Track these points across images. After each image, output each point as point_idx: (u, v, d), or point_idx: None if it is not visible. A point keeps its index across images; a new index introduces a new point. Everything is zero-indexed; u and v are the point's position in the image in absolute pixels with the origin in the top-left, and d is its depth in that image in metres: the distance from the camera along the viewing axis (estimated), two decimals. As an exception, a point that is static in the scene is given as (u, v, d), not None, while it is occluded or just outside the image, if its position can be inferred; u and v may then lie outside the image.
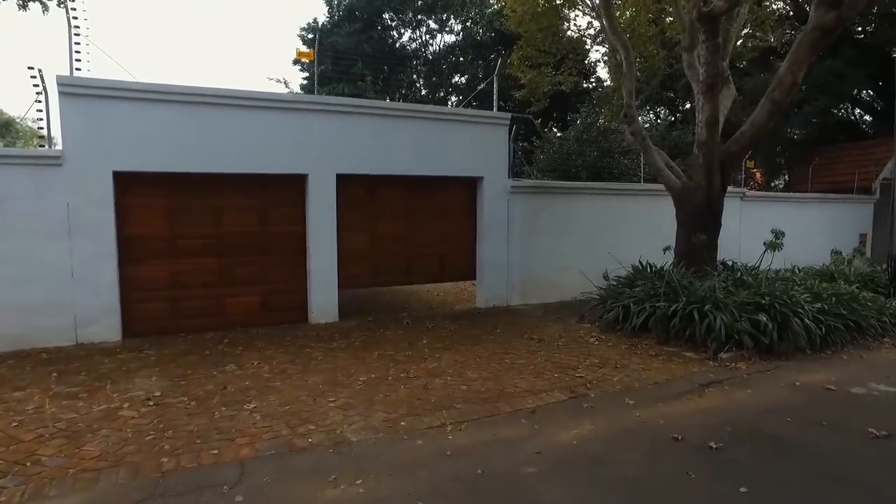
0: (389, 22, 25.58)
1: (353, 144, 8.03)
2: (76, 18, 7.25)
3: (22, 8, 12.05)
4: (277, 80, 27.73)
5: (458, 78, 27.83)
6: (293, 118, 7.66)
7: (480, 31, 25.47)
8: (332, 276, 8.04)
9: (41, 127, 6.61)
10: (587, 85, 23.34)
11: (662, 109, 23.30)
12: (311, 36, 22.24)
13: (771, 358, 6.08)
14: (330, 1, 24.19)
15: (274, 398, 4.82)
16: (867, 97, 19.65)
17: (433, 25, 27.03)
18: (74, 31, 6.64)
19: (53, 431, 4.00)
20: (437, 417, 4.42)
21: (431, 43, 28.11)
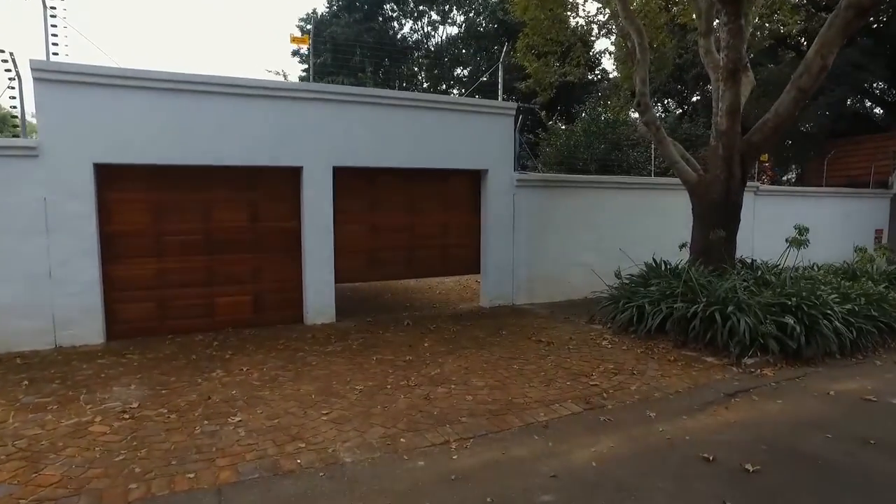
0: (390, 13, 25.07)
1: (350, 135, 7.60)
2: None
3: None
4: (276, 72, 27.23)
5: (460, 70, 27.32)
6: (286, 107, 7.22)
7: (483, 22, 24.95)
8: (328, 274, 7.62)
9: (15, 115, 6.18)
10: (592, 77, 22.85)
11: (670, 102, 22.76)
12: (309, 27, 21.75)
13: (798, 364, 5.65)
14: (329, -10, 23.72)
15: (262, 410, 4.41)
16: (877, 90, 19.14)
17: (435, 17, 26.50)
18: (50, 11, 6.20)
19: (11, 452, 3.59)
20: (440, 433, 4.00)
21: (433, 34, 27.58)
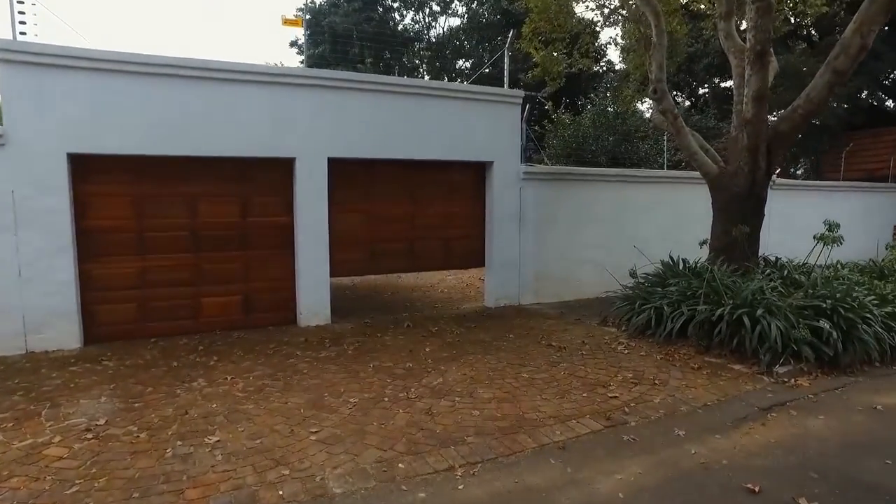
0: (391, 2, 24.47)
1: (346, 125, 7.10)
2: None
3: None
4: (273, 63, 26.67)
5: (462, 63, 26.79)
6: (278, 94, 6.72)
7: (486, 12, 24.38)
8: (322, 273, 7.14)
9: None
10: (597, 69, 22.31)
11: (678, 94, 22.19)
12: (308, 17, 21.21)
13: (835, 372, 5.17)
14: (328, -21, 23.17)
15: (244, 428, 3.94)
16: (889, 82, 18.55)
17: (436, 7, 25.93)
18: (18, -12, 5.71)
19: (-54, 483, 3.13)
20: (443, 457, 3.53)
21: (434, 26, 27.04)
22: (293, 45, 24.11)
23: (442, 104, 7.69)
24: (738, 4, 7.39)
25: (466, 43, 25.94)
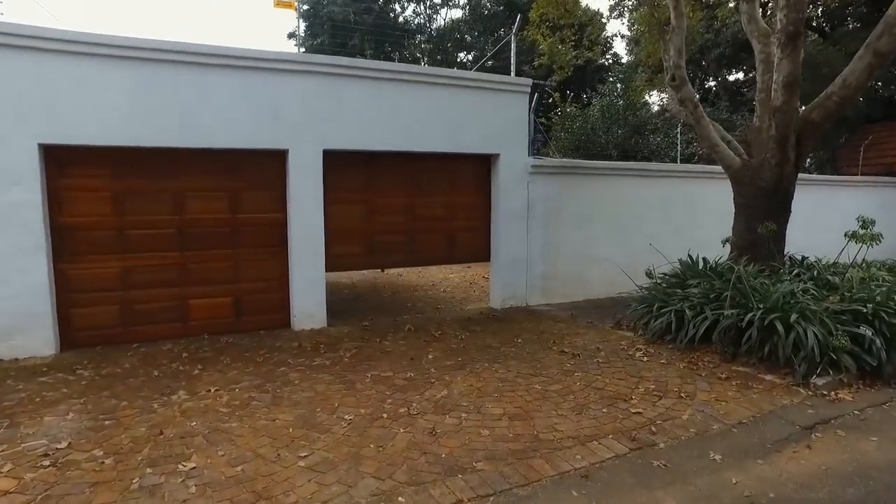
0: (391, -7, 23.96)
1: (344, 114, 6.64)
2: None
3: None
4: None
5: (464, 55, 26.25)
6: (269, 81, 6.26)
7: (489, 3, 23.83)
8: (318, 273, 6.69)
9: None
10: (603, 61, 21.79)
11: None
12: (305, 7, 20.67)
13: (878, 384, 4.72)
14: (327, -31, 22.58)
15: (224, 451, 3.49)
16: None
17: (437, -1, 25.38)
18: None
19: None
20: (450, 488, 3.09)
21: (436, 17, 26.50)
22: (291, 36, 23.57)
23: (446, 93, 7.22)
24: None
25: (468, 35, 25.40)
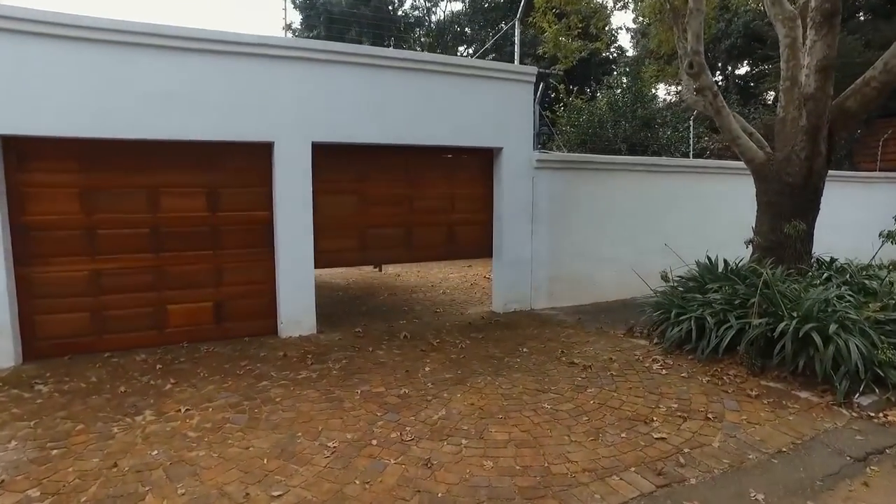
0: (390, -15, 23.40)
1: (335, 104, 6.14)
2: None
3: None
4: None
5: (464, 49, 25.70)
6: (254, 67, 5.75)
7: (490, -5, 23.25)
8: (307, 276, 6.20)
9: None
10: (607, 54, 21.26)
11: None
12: (302, -1, 20.11)
13: (928, 403, 4.22)
14: (324, -41, 22.01)
15: (185, 489, 3.01)
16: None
17: (438, -10, 24.79)
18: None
19: None
20: (447, 540, 2.60)
21: (435, 10, 25.94)
22: (287, 28, 23.03)
23: (445, 82, 6.71)
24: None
25: (468, 28, 24.86)
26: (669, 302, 5.84)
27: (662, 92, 16.85)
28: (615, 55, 20.84)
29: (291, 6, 21.92)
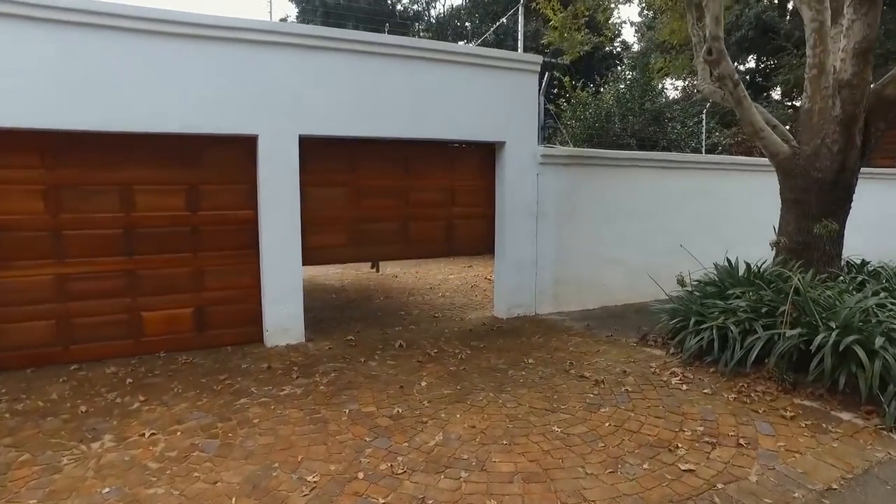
0: (388, -22, 22.92)
1: (324, 94, 5.68)
2: None
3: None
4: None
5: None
6: (236, 54, 5.29)
7: (490, -12, 22.74)
8: (294, 279, 5.74)
9: None
10: (610, 48, 20.78)
11: (693, 80, 20.56)
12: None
13: None
14: (321, -48, 21.56)
15: (134, 539, 2.55)
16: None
17: (437, -16, 24.33)
18: None
19: None
20: None
21: (434, 4, 25.46)
22: (282, 21, 22.55)
23: (445, 71, 6.24)
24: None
25: (469, 23, 24.38)
26: (687, 308, 5.38)
27: (669, 87, 16.37)
28: (619, 50, 20.34)
29: (287, 1, 21.42)
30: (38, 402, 4.15)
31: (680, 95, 16.78)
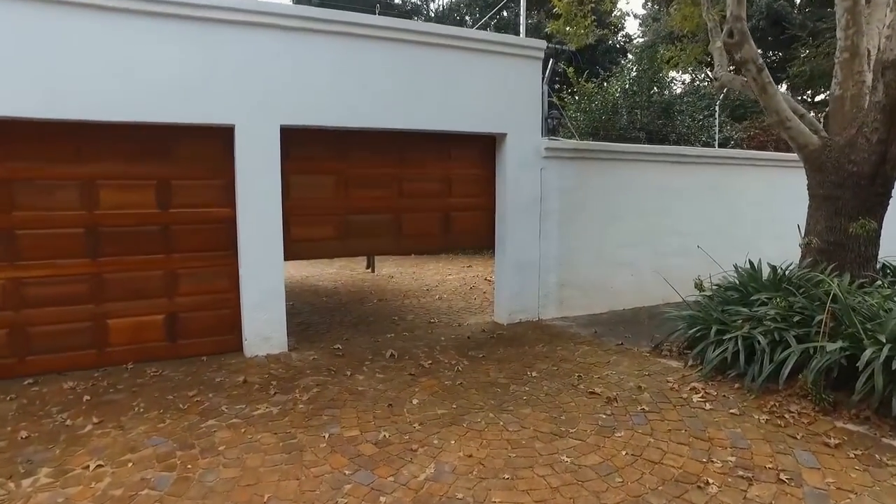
0: (386, -30, 22.39)
1: (308, 81, 5.18)
2: None
3: None
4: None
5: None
6: (210, 36, 4.80)
7: (491, -19, 22.22)
8: (275, 283, 5.25)
9: None
10: (612, 42, 20.26)
11: (700, 72, 20.03)
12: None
13: None
14: (316, -57, 20.92)
15: None
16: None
17: (437, -23, 23.82)
18: None
19: None
20: None
21: (434, -1, 24.96)
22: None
23: (440, 57, 5.74)
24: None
25: (469, 17, 23.89)
26: (707, 316, 4.89)
27: (674, 83, 15.83)
28: (622, 43, 19.82)
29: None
30: (-24, 424, 3.67)
31: (686, 90, 16.27)
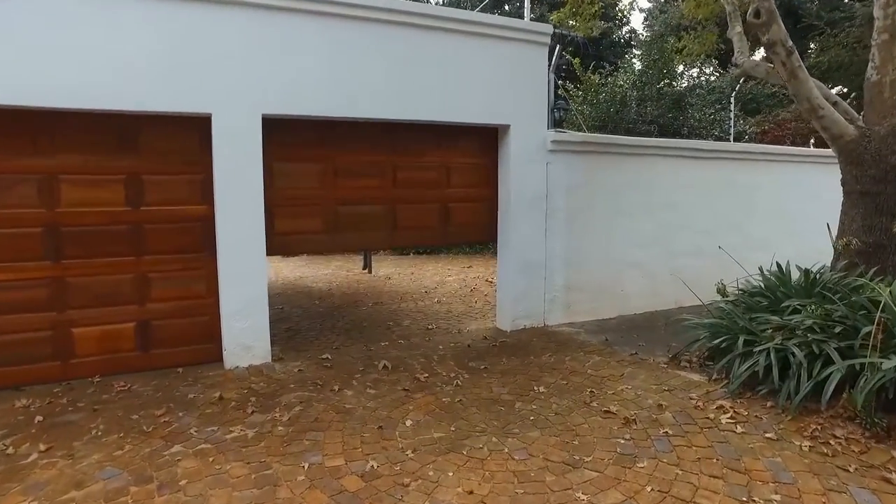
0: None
1: (293, 66, 4.72)
2: None
3: None
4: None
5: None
6: (185, 14, 4.34)
7: (492, -26, 21.71)
8: (257, 288, 4.79)
9: None
10: (617, 38, 19.79)
11: (710, 65, 19.51)
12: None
13: None
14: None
15: None
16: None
17: (436, -29, 23.29)
18: None
19: None
20: None
21: (436, -7, 24.44)
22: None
23: (437, 41, 5.28)
24: None
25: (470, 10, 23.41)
26: (731, 324, 4.42)
27: (682, 69, 15.32)
28: (628, 37, 19.33)
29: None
30: None
31: (693, 84, 15.79)
